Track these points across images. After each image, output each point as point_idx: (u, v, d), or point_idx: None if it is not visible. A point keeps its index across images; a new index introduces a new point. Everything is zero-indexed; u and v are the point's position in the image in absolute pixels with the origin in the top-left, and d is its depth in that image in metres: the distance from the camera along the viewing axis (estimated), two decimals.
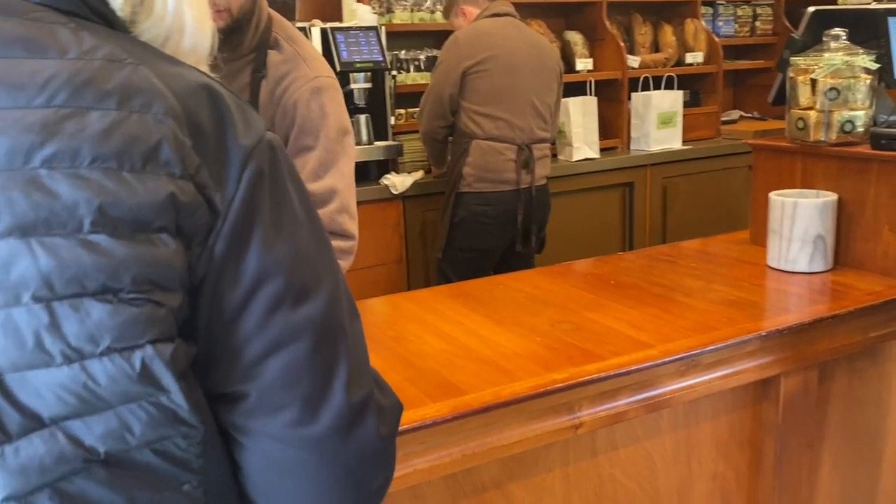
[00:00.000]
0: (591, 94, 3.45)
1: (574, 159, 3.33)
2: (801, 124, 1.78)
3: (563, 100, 3.35)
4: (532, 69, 2.70)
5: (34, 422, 0.53)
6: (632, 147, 3.63)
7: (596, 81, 3.50)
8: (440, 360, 1.34)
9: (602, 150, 3.46)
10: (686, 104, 3.77)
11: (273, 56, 1.60)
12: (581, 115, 3.35)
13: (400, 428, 1.10)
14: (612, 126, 3.63)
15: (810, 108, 1.77)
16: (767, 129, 3.69)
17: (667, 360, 1.32)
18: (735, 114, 4.28)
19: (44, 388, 0.52)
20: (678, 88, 3.66)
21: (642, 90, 3.60)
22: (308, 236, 0.63)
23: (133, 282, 0.53)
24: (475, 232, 2.67)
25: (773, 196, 1.76)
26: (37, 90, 0.53)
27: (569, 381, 1.24)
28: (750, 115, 4.30)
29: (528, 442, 1.24)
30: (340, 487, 0.64)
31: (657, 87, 3.62)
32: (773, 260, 1.79)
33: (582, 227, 3.37)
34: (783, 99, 1.86)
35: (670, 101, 3.59)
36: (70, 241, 0.52)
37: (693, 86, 3.98)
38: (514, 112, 2.66)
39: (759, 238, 1.94)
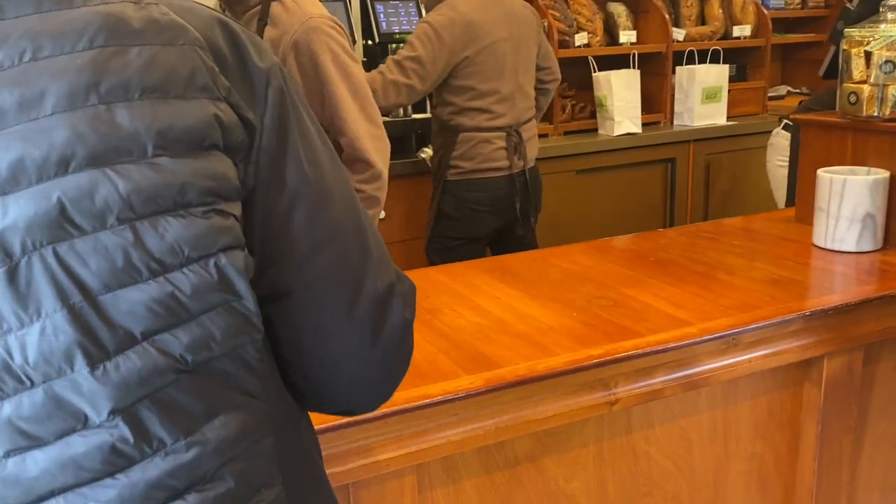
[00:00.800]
0: (633, 68, 3.38)
1: (615, 134, 3.27)
2: (853, 99, 1.72)
3: (606, 73, 3.30)
4: (514, 47, 2.56)
5: (128, 338, 0.56)
6: (675, 122, 3.56)
7: (639, 54, 3.43)
8: (475, 334, 1.33)
9: (644, 124, 3.40)
10: (732, 79, 3.67)
11: (275, 7, 1.83)
12: (623, 89, 3.29)
13: (433, 399, 1.11)
14: (655, 100, 3.56)
15: (863, 82, 1.70)
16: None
17: (706, 338, 1.29)
18: (783, 89, 4.17)
19: (135, 305, 0.56)
20: (724, 62, 3.57)
21: (687, 64, 3.52)
22: (324, 146, 0.70)
23: (199, 195, 0.58)
24: (467, 220, 2.57)
25: (822, 173, 1.71)
26: (77, 36, 0.57)
27: (605, 357, 1.22)
28: (798, 90, 4.18)
29: (563, 417, 1.23)
30: (376, 370, 0.72)
31: (702, 61, 3.54)
32: (819, 238, 1.74)
33: (622, 204, 3.32)
34: (835, 73, 1.79)
35: (716, 75, 3.50)
36: (139, 166, 0.56)
37: (739, 60, 3.87)
38: (501, 101, 2.55)
39: (805, 216, 1.89)
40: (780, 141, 2.75)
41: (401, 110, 2.92)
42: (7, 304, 0.54)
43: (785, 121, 2.70)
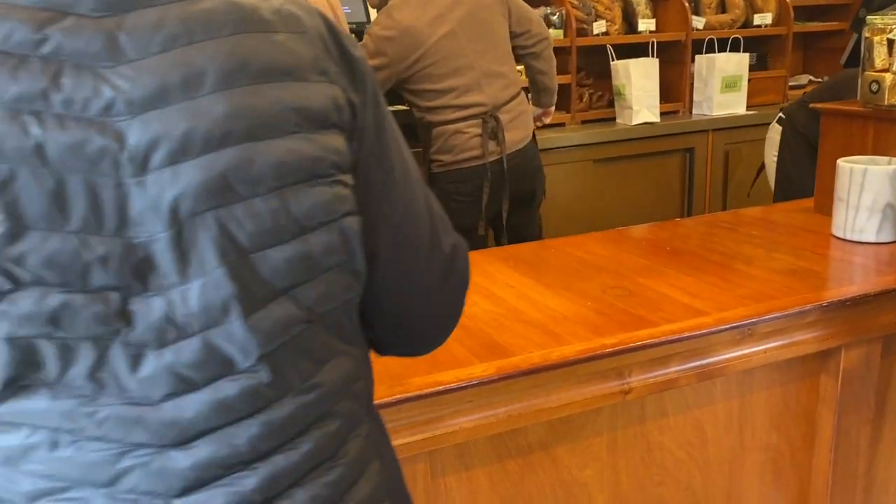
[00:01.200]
0: (652, 56, 3.36)
1: (633, 123, 3.25)
2: (874, 87, 1.69)
3: (624, 62, 3.27)
4: (466, 35, 2.44)
5: (273, 292, 0.63)
6: (694, 111, 3.53)
7: (658, 43, 3.40)
8: (489, 322, 1.33)
9: (662, 113, 3.37)
10: (752, 67, 3.63)
11: None
12: (642, 78, 3.26)
13: (447, 385, 1.11)
14: (674, 89, 3.53)
15: (885, 71, 1.68)
16: None
17: (722, 328, 1.29)
18: (804, 78, 4.12)
19: (279, 262, 0.63)
20: (744, 51, 3.53)
21: (706, 52, 3.48)
22: (397, 126, 0.78)
23: (327, 167, 0.66)
24: (453, 213, 2.44)
25: (842, 162, 1.69)
26: (221, 23, 0.63)
27: (619, 347, 1.22)
28: (819, 79, 4.12)
29: (576, 406, 1.22)
30: (442, 311, 0.84)
31: (722, 50, 3.50)
32: (838, 229, 1.72)
33: (639, 193, 3.30)
34: (856, 61, 1.77)
35: (735, 64, 3.47)
36: (284, 140, 0.63)
37: (760, 48, 3.83)
38: (464, 93, 2.45)
39: (824, 206, 1.87)
40: (774, 136, 2.68)
41: None
42: (171, 262, 0.59)
43: (780, 114, 2.64)
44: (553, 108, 2.81)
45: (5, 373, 0.57)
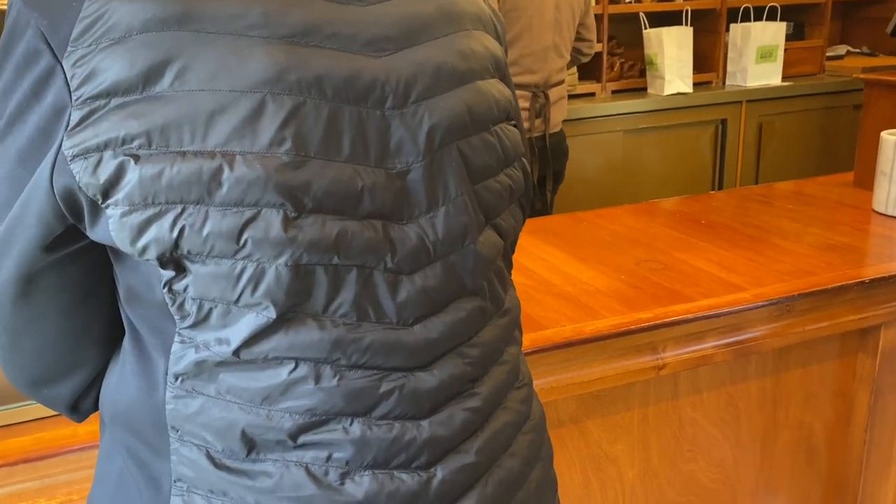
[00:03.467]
0: (686, 24, 3.28)
1: (665, 93, 3.19)
2: None
3: (657, 30, 3.20)
4: (556, 4, 2.48)
5: (485, 220, 0.69)
6: (727, 82, 3.45)
7: (692, 10, 3.31)
8: (521, 295, 1.30)
9: (695, 84, 3.30)
10: (788, 37, 3.54)
11: None
12: (675, 47, 3.19)
13: None
14: (708, 59, 3.45)
15: None
16: (878, 66, 3.44)
17: (759, 304, 1.26)
18: (842, 49, 4.00)
19: (491, 193, 0.68)
20: (781, 20, 3.43)
21: (742, 21, 3.39)
22: None
23: (513, 111, 0.73)
24: None
25: (886, 135, 1.63)
26: (457, 19, 0.69)
27: (654, 321, 1.20)
28: (858, 50, 4.01)
29: (608, 380, 1.21)
30: None
31: (758, 18, 3.41)
32: (879, 204, 1.67)
33: (670, 165, 3.25)
34: None
35: (772, 33, 3.37)
36: (493, 83, 0.71)
37: (797, 17, 3.72)
38: (533, 57, 2.47)
39: (865, 181, 1.82)
40: None
41: None
42: (423, 190, 0.63)
43: None
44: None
45: (283, 301, 0.58)
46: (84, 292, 0.66)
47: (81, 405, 0.73)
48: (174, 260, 0.58)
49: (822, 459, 1.51)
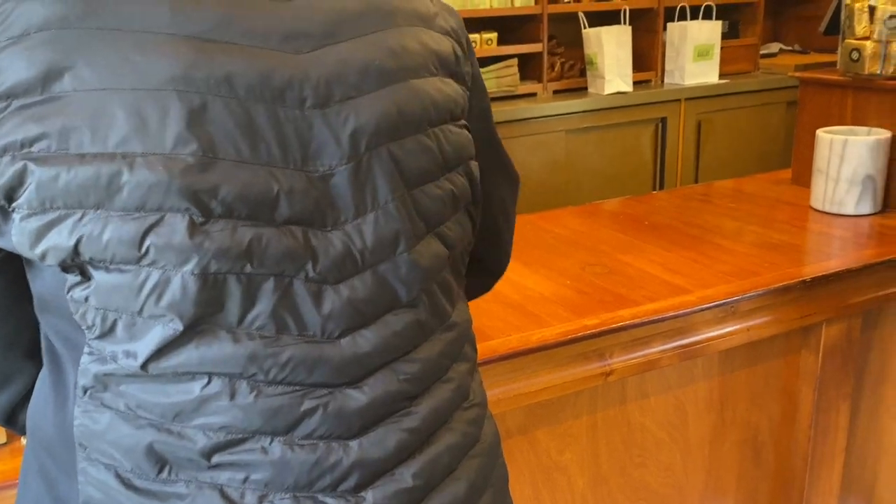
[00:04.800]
0: (624, 24, 3.29)
1: (606, 92, 3.20)
2: (855, 55, 1.65)
3: (596, 30, 3.20)
4: None
5: (425, 228, 0.65)
6: (666, 80, 3.48)
7: (630, 10, 3.33)
8: None
9: (635, 83, 3.31)
10: (724, 36, 3.58)
11: None
12: (614, 46, 3.20)
13: None
14: (646, 58, 3.48)
15: (867, 38, 1.64)
16: (809, 64, 3.51)
17: (705, 306, 1.25)
18: (775, 47, 4.08)
19: (432, 199, 0.65)
20: (716, 19, 3.48)
21: (678, 20, 3.43)
22: None
23: (460, 111, 0.69)
24: None
25: (822, 133, 1.65)
26: (389, 15, 0.65)
27: (600, 328, 1.18)
28: (790, 48, 4.10)
29: (556, 389, 1.18)
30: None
31: (694, 17, 3.45)
32: (817, 201, 1.69)
33: (612, 164, 3.26)
34: (836, 28, 1.73)
35: (708, 32, 3.42)
36: (433, 81, 0.66)
37: (732, 16, 3.78)
38: None
39: (802, 178, 1.84)
40: None
41: None
42: (350, 195, 0.59)
43: None
44: None
45: (191, 312, 0.55)
46: (10, 300, 0.63)
47: (19, 417, 0.70)
48: (77, 265, 0.55)
49: (769, 457, 1.52)
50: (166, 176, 0.52)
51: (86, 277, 0.55)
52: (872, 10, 1.60)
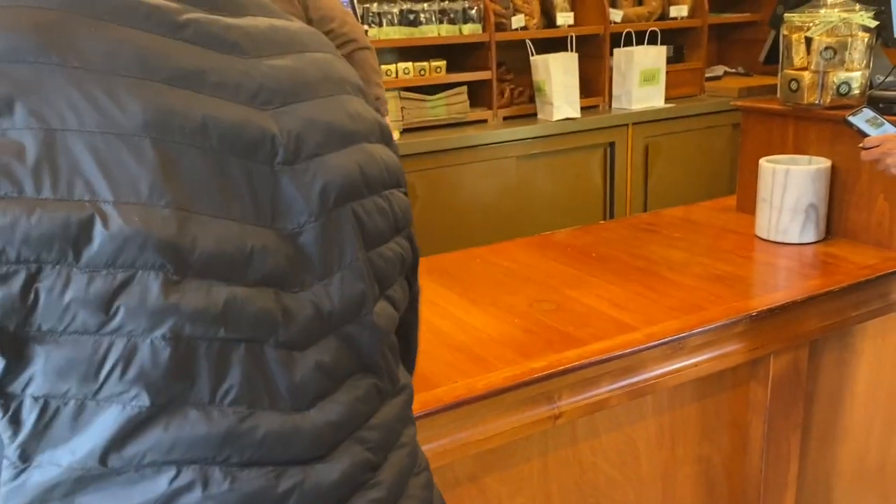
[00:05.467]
0: (571, 50, 3.32)
1: (555, 118, 3.21)
2: (794, 86, 1.68)
3: (543, 57, 3.22)
4: None
5: (379, 290, 0.63)
6: (613, 105, 3.51)
7: (577, 37, 3.36)
8: None
9: (583, 108, 3.34)
10: (669, 60, 3.64)
11: None
12: (561, 73, 3.22)
13: None
14: (594, 84, 3.51)
15: (804, 69, 1.67)
16: (753, 86, 3.59)
17: (652, 344, 1.24)
18: (719, 70, 4.16)
19: (385, 262, 0.63)
20: (661, 43, 3.53)
21: (624, 45, 3.47)
22: None
23: (402, 177, 0.69)
24: None
25: (764, 163, 1.67)
26: (309, 41, 0.65)
27: (548, 370, 1.15)
28: (735, 70, 4.18)
29: (505, 436, 1.15)
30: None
31: (640, 43, 3.49)
32: (761, 230, 1.70)
33: (563, 189, 3.27)
34: (776, 58, 1.75)
35: (653, 57, 3.46)
36: (381, 146, 0.67)
37: (676, 40, 3.84)
38: None
39: (747, 206, 1.85)
40: None
41: None
42: (317, 254, 0.57)
43: None
44: (387, 120, 2.59)
45: (161, 385, 0.49)
46: None
47: None
48: (18, 340, 0.46)
49: (722, 490, 1.51)
50: (143, 228, 0.48)
51: (22, 358, 0.47)
52: (809, 41, 1.63)
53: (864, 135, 1.44)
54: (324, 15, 2.31)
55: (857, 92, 1.63)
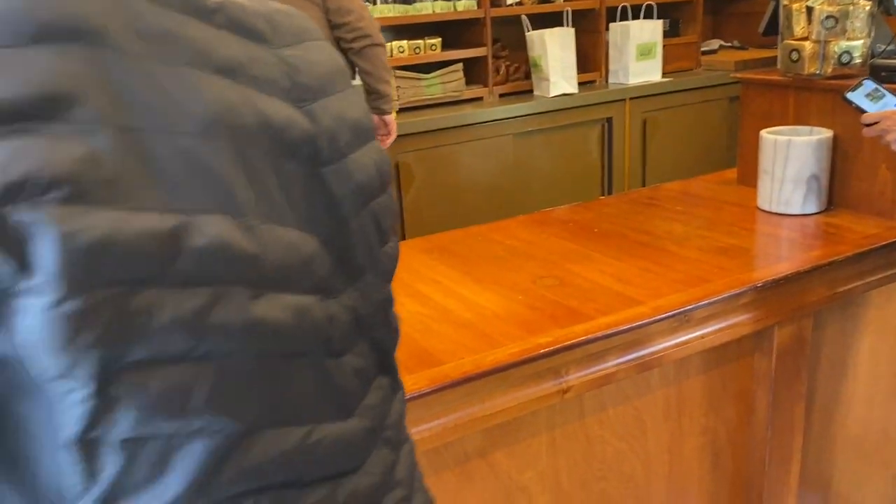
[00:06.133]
0: (567, 25, 3.29)
1: (551, 95, 3.19)
2: (795, 56, 1.66)
3: (539, 32, 3.19)
4: None
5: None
6: (610, 80, 3.49)
7: (573, 11, 3.34)
8: (416, 326, 1.24)
9: (580, 84, 3.32)
10: (665, 34, 3.62)
11: None
12: (558, 48, 3.20)
13: None
14: (590, 59, 3.49)
15: (805, 39, 1.65)
16: (749, 60, 3.57)
17: (658, 317, 1.24)
18: (715, 43, 4.14)
19: (387, 259, 0.61)
20: (657, 17, 3.51)
21: (620, 20, 3.44)
22: None
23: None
24: None
25: (765, 134, 1.66)
26: (346, 73, 0.62)
27: (554, 346, 1.15)
28: (730, 44, 4.16)
29: (512, 411, 1.15)
30: None
31: (636, 17, 3.47)
32: (763, 202, 1.70)
33: (560, 165, 3.26)
34: (775, 29, 1.74)
35: (650, 31, 3.44)
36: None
37: (672, 14, 3.82)
38: None
39: (748, 178, 1.85)
40: None
41: None
42: (353, 256, 0.56)
43: None
44: (392, 117, 2.54)
45: (247, 408, 0.46)
46: None
47: None
48: (106, 381, 0.40)
49: (727, 461, 1.52)
50: (229, 238, 0.44)
51: (110, 398, 0.40)
52: (810, 10, 1.61)
53: (863, 111, 1.43)
54: (341, 6, 2.31)
55: (858, 61, 1.61)
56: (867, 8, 1.58)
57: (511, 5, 3.23)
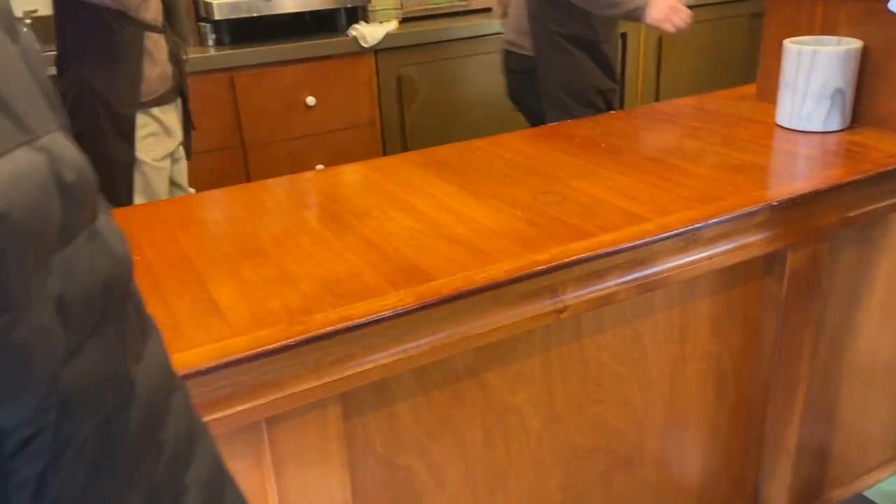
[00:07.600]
0: None
1: None
2: None
3: None
4: None
5: None
6: None
7: None
8: (406, 241, 1.17)
9: None
10: None
11: None
12: None
13: (355, 321, 0.95)
14: None
15: None
16: None
17: (664, 235, 1.16)
18: None
19: None
20: None
21: None
22: None
23: None
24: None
25: (789, 43, 1.54)
26: None
27: (551, 263, 1.08)
28: None
29: (505, 330, 1.09)
30: None
31: None
32: (783, 118, 1.60)
33: None
34: None
35: None
36: None
37: None
38: None
39: (768, 93, 1.74)
40: None
41: None
42: None
43: None
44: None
45: None
46: None
47: None
48: None
49: (730, 388, 1.47)
50: None
51: None
52: None
53: None
54: None
55: None
56: None
57: None
